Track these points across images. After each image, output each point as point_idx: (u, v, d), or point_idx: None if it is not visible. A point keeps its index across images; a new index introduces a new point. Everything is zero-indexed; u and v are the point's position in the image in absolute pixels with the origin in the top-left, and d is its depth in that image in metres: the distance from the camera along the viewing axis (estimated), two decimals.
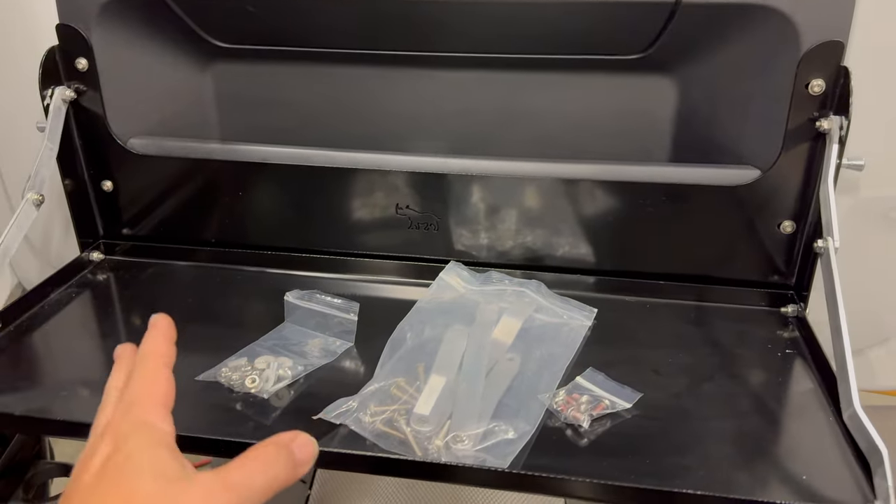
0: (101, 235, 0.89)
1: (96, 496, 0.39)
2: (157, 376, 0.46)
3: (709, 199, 0.75)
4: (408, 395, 0.62)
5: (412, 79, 0.85)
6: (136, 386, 0.46)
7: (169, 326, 0.51)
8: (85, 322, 0.78)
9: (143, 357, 0.48)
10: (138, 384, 0.46)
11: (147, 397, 0.45)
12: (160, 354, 0.48)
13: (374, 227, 0.83)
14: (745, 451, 0.58)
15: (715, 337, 0.74)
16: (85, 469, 0.41)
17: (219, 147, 0.82)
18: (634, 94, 0.81)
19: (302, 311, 0.73)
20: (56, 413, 0.61)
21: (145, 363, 0.47)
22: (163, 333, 0.50)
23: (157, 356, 0.48)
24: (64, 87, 0.81)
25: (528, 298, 0.77)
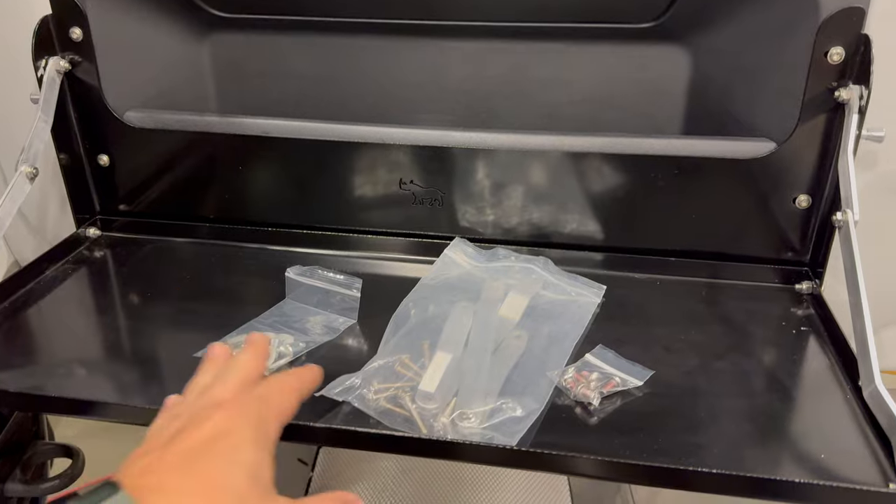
0: (98, 211, 0.87)
1: (198, 462, 0.39)
2: (291, 394, 0.48)
3: (722, 172, 0.73)
4: (412, 373, 0.61)
5: (416, 49, 0.83)
6: (273, 388, 0.47)
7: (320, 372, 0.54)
8: (81, 299, 0.76)
9: (292, 374, 0.51)
10: (275, 388, 0.47)
11: (275, 404, 0.46)
12: (304, 384, 0.51)
13: (377, 202, 0.81)
14: (760, 430, 0.56)
15: (727, 314, 0.72)
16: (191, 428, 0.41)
17: (218, 120, 0.80)
18: (646, 64, 0.79)
19: (303, 288, 0.71)
20: (52, 390, 0.60)
21: (290, 379, 0.50)
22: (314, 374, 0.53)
23: (302, 382, 0.51)
24: (58, 57, 0.78)
25: (535, 275, 0.75)
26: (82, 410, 0.60)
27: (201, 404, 0.44)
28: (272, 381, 0.48)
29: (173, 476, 0.38)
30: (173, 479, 0.38)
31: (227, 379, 0.47)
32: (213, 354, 0.53)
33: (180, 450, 0.40)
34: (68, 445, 0.87)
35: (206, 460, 0.39)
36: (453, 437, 0.54)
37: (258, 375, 0.49)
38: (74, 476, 0.80)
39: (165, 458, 0.39)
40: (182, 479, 0.38)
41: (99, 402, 0.59)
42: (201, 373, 0.51)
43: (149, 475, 0.38)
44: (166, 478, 0.38)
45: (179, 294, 0.76)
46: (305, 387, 0.51)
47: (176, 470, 0.39)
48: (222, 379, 0.47)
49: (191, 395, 0.48)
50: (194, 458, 0.39)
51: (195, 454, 0.40)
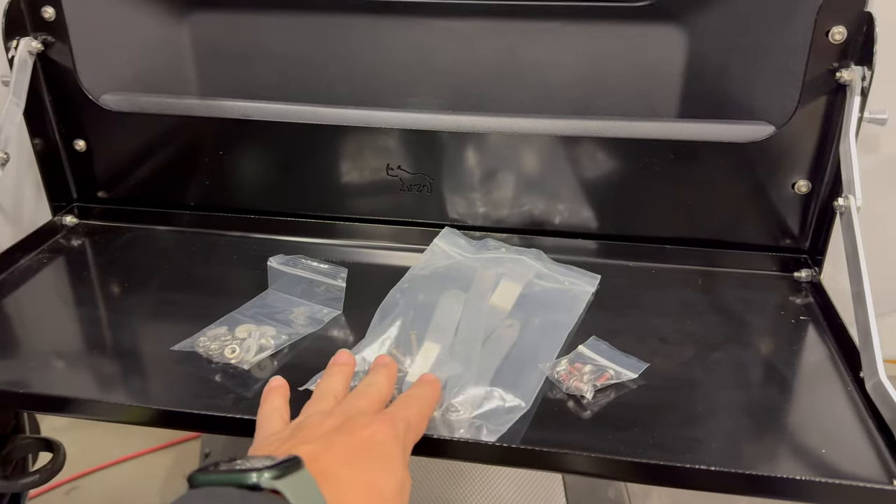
0: (75, 199, 0.85)
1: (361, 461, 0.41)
2: (426, 418, 0.50)
3: (719, 157, 0.71)
4: (399, 363, 0.58)
5: (404, 28, 0.80)
6: (417, 413, 0.48)
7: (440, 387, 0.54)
8: (58, 290, 0.74)
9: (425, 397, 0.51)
10: (418, 414, 0.48)
11: (417, 429, 0.48)
12: (434, 406, 0.52)
13: (363, 189, 0.79)
14: (759, 424, 0.54)
15: (724, 304, 0.70)
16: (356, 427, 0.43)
17: (198, 103, 0.77)
18: (641, 45, 0.76)
19: (287, 278, 0.69)
20: (27, 386, 0.58)
21: (427, 403, 0.50)
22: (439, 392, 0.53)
23: (433, 407, 0.52)
24: (30, 38, 0.76)
25: (525, 265, 0.73)
26: (59, 408, 0.57)
27: (354, 410, 0.46)
28: (414, 405, 0.49)
29: (340, 467, 0.40)
30: (341, 469, 0.40)
31: (371, 394, 0.49)
32: (341, 360, 0.55)
33: (345, 445, 0.41)
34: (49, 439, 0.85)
35: (368, 461, 0.41)
36: (442, 430, 0.52)
37: (390, 395, 0.51)
38: (55, 470, 0.78)
39: (332, 449, 0.41)
40: (348, 471, 0.40)
41: (77, 398, 0.56)
42: (329, 376, 0.52)
43: (317, 462, 0.39)
44: (334, 467, 0.39)
45: (159, 284, 0.73)
46: (434, 407, 0.52)
47: (342, 462, 0.40)
48: (365, 393, 0.49)
49: (325, 397, 0.49)
50: (358, 455, 0.41)
51: (359, 452, 0.41)
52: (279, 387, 0.52)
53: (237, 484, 0.35)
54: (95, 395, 0.57)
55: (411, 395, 0.51)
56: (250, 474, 0.34)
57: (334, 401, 0.49)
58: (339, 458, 0.40)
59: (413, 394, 0.51)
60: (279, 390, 0.52)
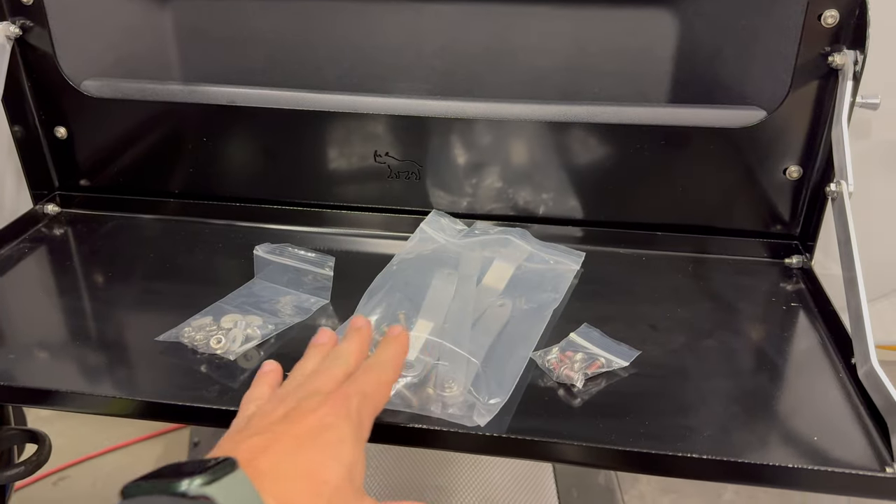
0: (57, 187, 0.83)
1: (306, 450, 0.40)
2: (387, 387, 0.48)
3: (710, 142, 0.70)
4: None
5: (391, 12, 0.78)
6: (372, 383, 0.46)
7: (408, 340, 0.52)
8: (40, 280, 0.72)
9: (389, 365, 0.49)
10: (374, 383, 0.47)
11: (373, 400, 0.46)
12: (398, 373, 0.50)
13: (350, 176, 0.78)
14: (751, 412, 0.54)
15: (715, 290, 0.69)
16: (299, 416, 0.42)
17: (181, 89, 0.76)
18: (631, 29, 0.75)
19: (273, 267, 0.68)
20: (8, 377, 0.56)
21: (388, 372, 0.48)
22: (405, 348, 0.52)
23: (397, 372, 0.50)
24: (7, 22, 0.74)
25: (513, 245, 0.73)
26: (42, 400, 0.56)
27: (307, 392, 0.45)
28: (372, 374, 0.47)
29: (284, 461, 0.39)
30: (281, 464, 0.39)
31: (332, 368, 0.47)
32: (320, 341, 0.53)
33: (288, 437, 0.40)
34: (34, 431, 0.84)
35: (313, 450, 0.40)
36: (435, 407, 0.52)
37: (360, 365, 0.49)
38: (40, 462, 0.77)
39: (275, 442, 0.40)
40: (289, 465, 0.39)
41: (59, 391, 0.55)
42: (307, 358, 0.51)
43: (262, 457, 0.38)
44: (274, 462, 0.39)
45: (143, 273, 0.72)
46: (398, 377, 0.51)
47: (287, 455, 0.39)
48: (327, 368, 0.48)
49: (295, 380, 0.48)
50: (301, 446, 0.40)
51: (302, 442, 0.40)
52: (269, 372, 0.51)
53: (167, 492, 0.34)
54: (80, 387, 0.56)
55: (370, 363, 0.49)
56: (179, 482, 0.34)
57: (301, 382, 0.47)
58: (281, 451, 0.39)
59: (373, 361, 0.49)
60: (268, 377, 0.51)
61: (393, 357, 0.50)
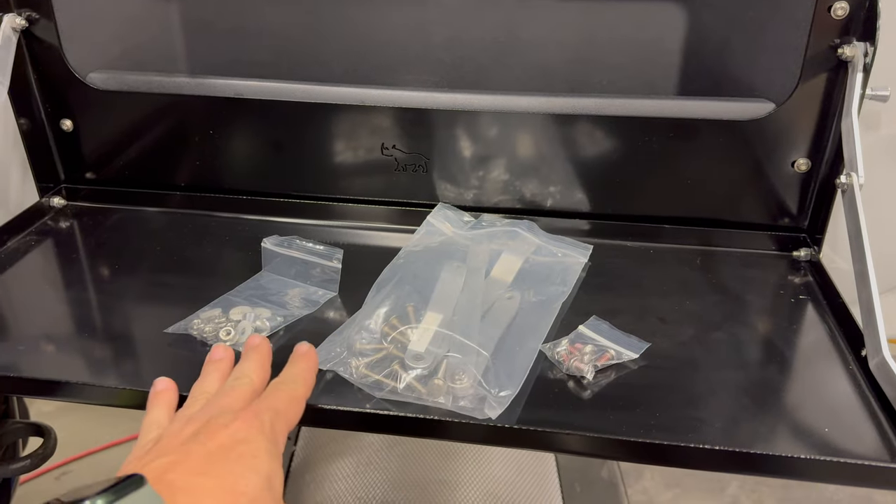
0: (63, 180, 0.83)
1: (219, 465, 0.39)
2: (298, 403, 0.48)
3: (718, 134, 0.70)
4: (398, 333, 0.58)
5: (398, 5, 0.78)
6: (281, 400, 0.46)
7: (317, 358, 0.53)
8: (46, 272, 0.72)
9: (297, 380, 0.49)
10: (283, 399, 0.46)
11: (285, 415, 0.46)
12: (310, 388, 0.50)
13: (358, 169, 0.78)
14: (761, 403, 0.54)
15: (723, 283, 0.69)
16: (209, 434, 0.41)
17: (187, 81, 0.76)
18: (639, 21, 0.74)
19: (281, 259, 0.68)
20: (15, 369, 0.56)
21: (298, 388, 0.48)
22: (314, 365, 0.52)
23: (308, 388, 0.49)
24: (13, 14, 0.73)
25: (521, 238, 0.73)
26: (50, 391, 0.56)
27: (215, 411, 0.44)
28: (282, 391, 0.47)
29: (195, 477, 0.38)
30: (195, 479, 0.38)
31: (237, 389, 0.47)
32: (216, 356, 0.52)
33: (201, 453, 0.40)
34: (39, 424, 0.84)
35: (227, 464, 0.40)
36: (446, 399, 0.52)
37: (264, 384, 0.49)
38: (46, 455, 0.77)
39: (188, 459, 0.39)
40: (204, 479, 0.38)
41: (68, 382, 0.55)
42: (205, 376, 0.50)
43: (171, 474, 0.38)
44: (188, 478, 0.38)
45: (150, 266, 0.72)
46: (311, 389, 0.50)
47: (198, 471, 0.39)
48: (232, 389, 0.47)
49: (197, 400, 0.47)
50: (215, 461, 0.40)
51: (216, 457, 0.40)
52: (163, 391, 0.50)
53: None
54: (90, 378, 0.56)
55: (280, 381, 0.49)
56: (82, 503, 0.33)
57: (205, 403, 0.47)
58: (194, 468, 0.39)
59: (282, 378, 0.49)
60: (163, 396, 0.50)
61: (302, 372, 0.50)
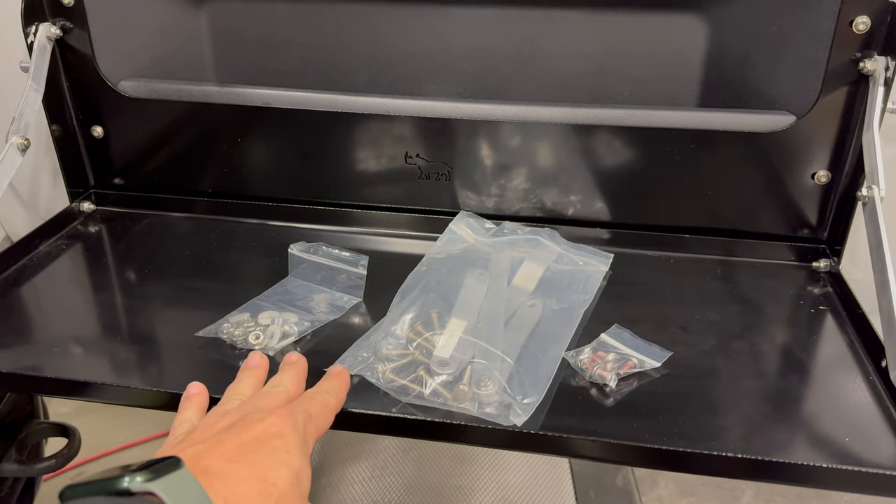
0: (92, 185, 0.84)
1: (252, 455, 0.40)
2: (330, 413, 0.49)
3: (739, 146, 0.71)
4: (423, 339, 0.59)
5: (423, 16, 0.79)
6: (317, 406, 0.48)
7: (349, 378, 0.55)
8: (76, 275, 0.74)
9: (329, 391, 0.50)
10: (319, 406, 0.48)
11: (318, 421, 0.47)
12: (341, 402, 0.51)
13: (382, 176, 0.79)
14: (782, 412, 0.54)
15: (743, 293, 0.70)
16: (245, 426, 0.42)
17: (216, 90, 0.77)
18: (661, 33, 0.76)
19: (307, 265, 0.69)
20: (46, 370, 0.58)
21: (330, 397, 0.50)
22: (346, 384, 0.53)
23: (340, 401, 0.51)
24: (49, 23, 0.75)
25: (542, 246, 0.73)
26: (78, 392, 0.57)
27: (251, 409, 0.45)
28: (317, 400, 0.49)
29: (229, 463, 0.39)
30: (229, 465, 0.39)
31: (272, 394, 0.48)
32: (253, 364, 0.54)
33: (235, 442, 0.41)
34: (64, 425, 0.85)
35: (260, 455, 0.40)
36: (471, 405, 0.53)
37: (299, 395, 0.50)
38: (71, 456, 0.78)
39: (222, 447, 0.40)
40: (237, 467, 0.39)
41: (96, 383, 0.57)
42: (240, 380, 0.52)
43: (205, 459, 0.39)
44: (223, 463, 0.39)
45: (178, 271, 0.73)
46: (341, 406, 0.52)
47: (231, 458, 0.39)
48: (268, 394, 0.49)
49: (231, 400, 0.49)
50: (249, 451, 0.40)
51: (250, 448, 0.40)
52: (196, 394, 0.52)
53: (108, 492, 0.33)
54: (115, 379, 0.57)
55: (314, 390, 0.50)
56: (121, 479, 0.33)
57: (239, 404, 0.48)
58: (228, 455, 0.39)
59: (316, 389, 0.51)
60: (195, 399, 0.51)
61: (335, 387, 0.51)
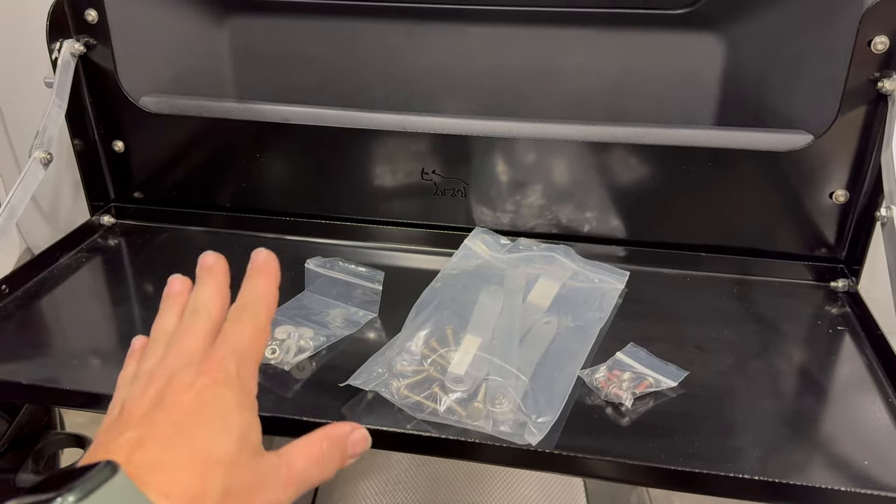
0: (112, 198, 0.86)
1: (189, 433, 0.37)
2: (264, 333, 0.44)
3: (756, 165, 0.71)
4: (437, 356, 0.59)
5: (439, 34, 0.80)
6: (246, 335, 0.42)
7: (277, 268, 0.48)
8: (95, 288, 0.75)
9: (259, 303, 0.45)
10: (248, 334, 0.43)
11: (251, 353, 0.42)
12: (273, 307, 0.45)
13: (398, 192, 0.79)
14: (799, 434, 0.54)
15: (760, 312, 0.69)
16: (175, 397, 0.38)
17: (235, 106, 0.78)
18: (678, 52, 0.76)
19: (323, 280, 0.69)
20: (65, 382, 0.58)
21: (261, 313, 0.44)
22: (275, 279, 0.47)
23: (271, 309, 0.45)
24: (73, 40, 0.76)
25: (557, 263, 0.73)
26: (97, 404, 0.58)
27: (176, 363, 0.41)
28: (245, 325, 0.43)
29: (165, 450, 0.36)
30: (165, 452, 0.36)
31: (195, 326, 0.43)
32: (174, 290, 0.48)
33: (167, 422, 0.37)
34: (80, 435, 0.86)
35: (196, 431, 0.37)
36: (486, 423, 0.53)
37: (223, 312, 0.45)
38: None
39: (155, 432, 0.37)
40: (175, 451, 0.36)
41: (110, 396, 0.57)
42: (163, 312, 0.47)
43: (141, 451, 0.36)
44: (157, 452, 0.36)
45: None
46: (273, 311, 0.46)
47: (167, 443, 0.36)
48: (191, 326, 0.43)
49: (157, 343, 0.44)
50: (184, 429, 0.37)
51: (184, 425, 0.37)
52: (137, 349, 0.47)
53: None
54: None
55: (240, 307, 0.44)
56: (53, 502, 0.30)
57: (163, 351, 0.43)
58: (162, 440, 0.36)
59: (241, 304, 0.44)
60: (136, 355, 0.47)
61: (263, 294, 0.45)
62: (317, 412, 0.54)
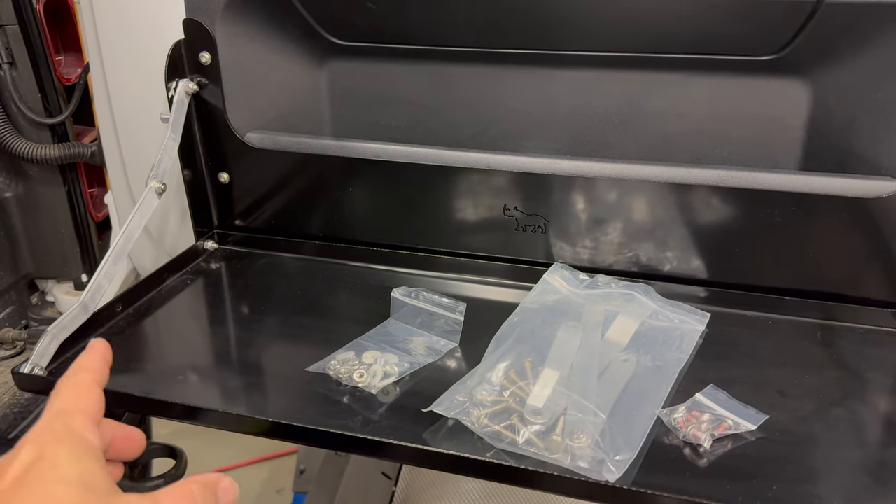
0: (216, 225, 0.92)
1: (18, 497, 0.38)
2: (89, 390, 0.47)
3: (842, 210, 0.70)
4: (516, 388, 0.61)
5: (527, 78, 0.83)
6: (67, 397, 0.46)
7: (106, 349, 0.53)
8: (197, 309, 0.80)
9: (76, 371, 0.49)
10: (69, 395, 0.46)
11: (77, 409, 0.45)
12: (94, 370, 0.50)
13: (479, 226, 0.82)
14: (882, 485, 0.53)
15: (843, 359, 0.69)
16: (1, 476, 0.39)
17: (332, 143, 0.83)
18: (764, 97, 0.76)
19: (408, 309, 0.73)
20: (172, 396, 0.63)
21: (78, 376, 0.48)
22: (100, 354, 0.52)
23: (90, 371, 0.49)
24: (188, 80, 0.83)
25: (637, 301, 0.74)
26: (194, 416, 0.62)
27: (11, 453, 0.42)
28: (66, 389, 0.47)
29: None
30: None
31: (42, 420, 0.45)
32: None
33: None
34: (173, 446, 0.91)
35: (26, 492, 0.38)
36: (564, 457, 0.54)
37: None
38: (178, 476, 0.84)
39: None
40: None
41: (210, 409, 0.62)
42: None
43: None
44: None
45: (289, 308, 0.79)
46: (100, 371, 0.50)
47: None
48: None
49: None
50: (12, 495, 0.38)
51: (11, 493, 0.38)
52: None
53: None
54: (225, 406, 0.62)
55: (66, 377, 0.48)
56: None
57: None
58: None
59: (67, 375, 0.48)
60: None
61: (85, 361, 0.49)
62: (400, 435, 0.57)
